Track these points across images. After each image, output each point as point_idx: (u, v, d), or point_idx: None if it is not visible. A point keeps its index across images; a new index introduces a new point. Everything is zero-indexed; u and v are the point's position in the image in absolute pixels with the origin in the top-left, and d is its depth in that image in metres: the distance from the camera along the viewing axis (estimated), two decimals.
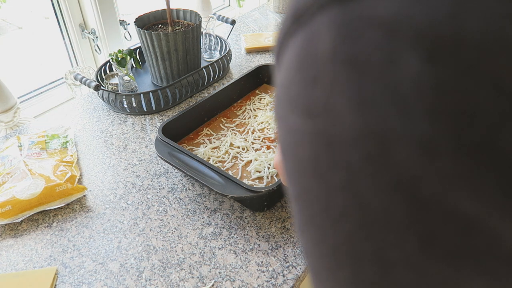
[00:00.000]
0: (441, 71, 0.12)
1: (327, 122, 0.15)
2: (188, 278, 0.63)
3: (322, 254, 0.18)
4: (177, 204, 0.75)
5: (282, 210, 0.73)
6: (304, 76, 0.15)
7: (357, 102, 0.14)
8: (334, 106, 0.14)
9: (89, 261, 0.66)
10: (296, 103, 0.16)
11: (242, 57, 1.23)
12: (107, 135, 0.93)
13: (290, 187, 0.19)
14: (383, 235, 0.15)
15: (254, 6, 1.66)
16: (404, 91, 0.13)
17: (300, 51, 0.16)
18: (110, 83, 1.03)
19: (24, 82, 1.25)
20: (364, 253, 0.16)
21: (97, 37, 1.20)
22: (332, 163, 0.15)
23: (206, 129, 0.90)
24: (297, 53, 0.16)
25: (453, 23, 0.12)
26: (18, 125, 1.02)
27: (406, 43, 0.13)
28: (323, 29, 0.15)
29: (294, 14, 0.16)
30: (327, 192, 0.16)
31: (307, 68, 0.15)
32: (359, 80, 0.14)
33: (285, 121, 0.17)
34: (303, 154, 0.16)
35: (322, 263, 0.18)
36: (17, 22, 1.95)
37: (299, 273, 0.63)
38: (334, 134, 0.15)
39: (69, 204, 0.75)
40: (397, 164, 0.13)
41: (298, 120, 0.16)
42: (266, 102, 0.97)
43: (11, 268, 0.65)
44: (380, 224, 0.15)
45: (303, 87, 0.16)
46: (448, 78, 0.12)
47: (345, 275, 0.17)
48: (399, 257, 0.15)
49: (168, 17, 1.01)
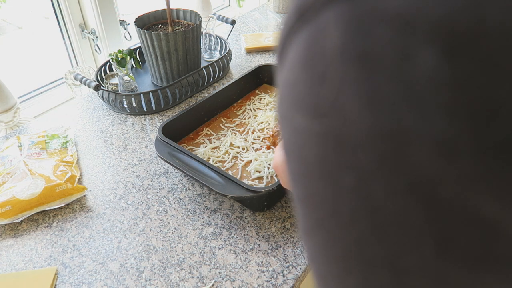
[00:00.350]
0: (460, 66, 0.11)
1: (336, 122, 0.14)
2: (188, 278, 0.63)
3: (330, 259, 0.17)
4: (177, 204, 0.75)
5: (282, 210, 0.73)
6: (310, 75, 0.15)
7: (369, 100, 0.13)
8: (344, 105, 0.14)
9: (89, 261, 0.66)
10: (302, 103, 0.15)
11: (242, 57, 1.23)
12: (107, 135, 0.93)
13: (294, 190, 0.18)
14: (397, 240, 0.14)
15: (254, 6, 1.66)
16: (420, 88, 0.12)
17: (306, 48, 0.15)
18: (110, 83, 1.03)
19: (24, 82, 1.25)
20: (376, 258, 0.15)
21: (97, 37, 1.20)
22: (341, 165, 0.14)
23: (206, 129, 0.90)
24: (302, 51, 0.15)
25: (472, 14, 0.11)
26: (18, 125, 1.02)
27: (421, 37, 0.12)
28: (330, 25, 0.14)
29: (298, 11, 0.15)
30: (336, 195, 0.15)
31: (314, 66, 0.15)
32: (370, 78, 0.13)
33: (290, 121, 0.17)
34: (310, 155, 0.16)
35: (329, 268, 0.17)
36: (17, 22, 1.95)
37: (299, 273, 0.63)
38: (344, 134, 0.14)
39: (69, 204, 0.75)
40: (413, 166, 0.13)
41: (304, 120, 0.15)
42: (266, 102, 0.97)
43: (11, 268, 0.65)
44: (394, 229, 0.14)
45: (309, 85, 0.15)
46: (467, 73, 0.11)
47: (355, 282, 0.16)
48: (414, 263, 0.14)
49: (168, 17, 1.01)
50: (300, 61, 0.15)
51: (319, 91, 0.14)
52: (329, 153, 0.15)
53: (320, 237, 0.17)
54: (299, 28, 0.15)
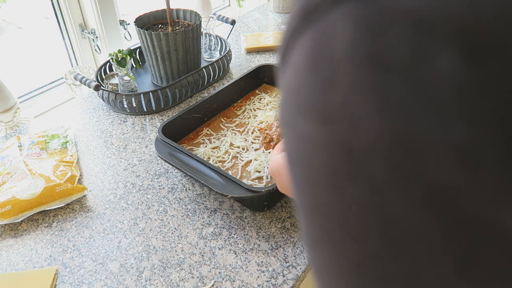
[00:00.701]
0: (484, 69, 0.11)
1: (346, 128, 0.13)
2: (188, 278, 0.63)
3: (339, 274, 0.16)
4: (177, 204, 0.75)
5: (282, 210, 0.73)
6: (317, 78, 0.14)
7: (382, 106, 0.12)
8: (353, 111, 0.13)
9: (89, 261, 0.66)
10: (308, 108, 0.15)
11: (242, 57, 1.23)
12: (107, 135, 0.93)
13: (299, 198, 0.17)
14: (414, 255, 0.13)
15: (254, 6, 1.66)
16: (440, 93, 0.11)
17: (311, 50, 0.14)
18: (110, 83, 1.03)
19: (24, 82, 1.25)
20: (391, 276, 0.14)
21: (97, 37, 1.20)
22: (352, 175, 0.14)
23: (206, 129, 0.90)
24: (308, 53, 0.14)
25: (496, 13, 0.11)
26: (18, 125, 1.02)
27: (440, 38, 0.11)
28: (339, 25, 0.13)
29: (303, 10, 0.15)
30: (346, 206, 0.14)
31: (321, 69, 0.14)
32: (383, 81, 0.12)
33: (295, 127, 0.16)
34: (317, 163, 0.15)
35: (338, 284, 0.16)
36: (17, 22, 1.95)
37: (299, 273, 0.63)
38: (353, 141, 0.13)
39: (69, 204, 0.75)
40: (431, 176, 0.12)
41: (310, 126, 0.15)
42: (266, 102, 0.97)
43: (11, 268, 0.65)
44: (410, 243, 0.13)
45: (316, 90, 0.14)
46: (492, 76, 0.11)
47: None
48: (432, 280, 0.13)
49: (168, 17, 1.01)
50: (305, 64, 0.15)
51: (327, 96, 0.14)
52: (337, 161, 0.14)
53: (328, 250, 0.16)
54: (304, 29, 0.15)
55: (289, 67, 0.16)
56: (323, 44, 0.14)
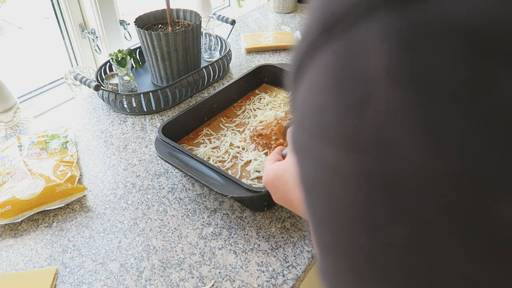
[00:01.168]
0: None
1: (381, 160, 0.11)
2: (188, 278, 0.63)
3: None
4: (177, 204, 0.75)
5: (282, 210, 0.73)
6: (344, 100, 0.12)
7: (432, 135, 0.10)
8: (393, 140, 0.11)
9: (89, 261, 0.66)
10: (332, 133, 0.13)
11: (242, 57, 1.23)
12: (107, 135, 0.93)
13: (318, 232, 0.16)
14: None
15: (254, 6, 1.66)
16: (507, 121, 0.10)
17: (336, 68, 0.12)
18: (110, 83, 1.03)
19: (24, 82, 1.25)
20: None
21: (97, 37, 1.20)
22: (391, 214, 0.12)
23: (206, 129, 0.90)
24: (331, 71, 0.13)
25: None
26: (18, 125, 1.02)
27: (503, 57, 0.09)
28: (371, 39, 0.11)
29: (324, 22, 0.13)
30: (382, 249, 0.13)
31: (348, 90, 0.12)
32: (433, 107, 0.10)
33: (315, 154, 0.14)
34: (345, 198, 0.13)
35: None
36: (17, 22, 1.95)
37: (299, 273, 0.63)
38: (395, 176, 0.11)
39: (69, 204, 0.75)
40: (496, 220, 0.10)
41: (335, 153, 0.13)
42: (266, 102, 0.97)
43: (11, 268, 0.65)
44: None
45: (342, 113, 0.12)
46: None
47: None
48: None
49: (168, 17, 1.01)
50: (328, 84, 0.13)
51: (356, 119, 0.12)
52: (372, 198, 0.12)
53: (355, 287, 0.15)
54: (324, 43, 0.13)
55: (305, 86, 0.14)
56: (351, 60, 0.12)
